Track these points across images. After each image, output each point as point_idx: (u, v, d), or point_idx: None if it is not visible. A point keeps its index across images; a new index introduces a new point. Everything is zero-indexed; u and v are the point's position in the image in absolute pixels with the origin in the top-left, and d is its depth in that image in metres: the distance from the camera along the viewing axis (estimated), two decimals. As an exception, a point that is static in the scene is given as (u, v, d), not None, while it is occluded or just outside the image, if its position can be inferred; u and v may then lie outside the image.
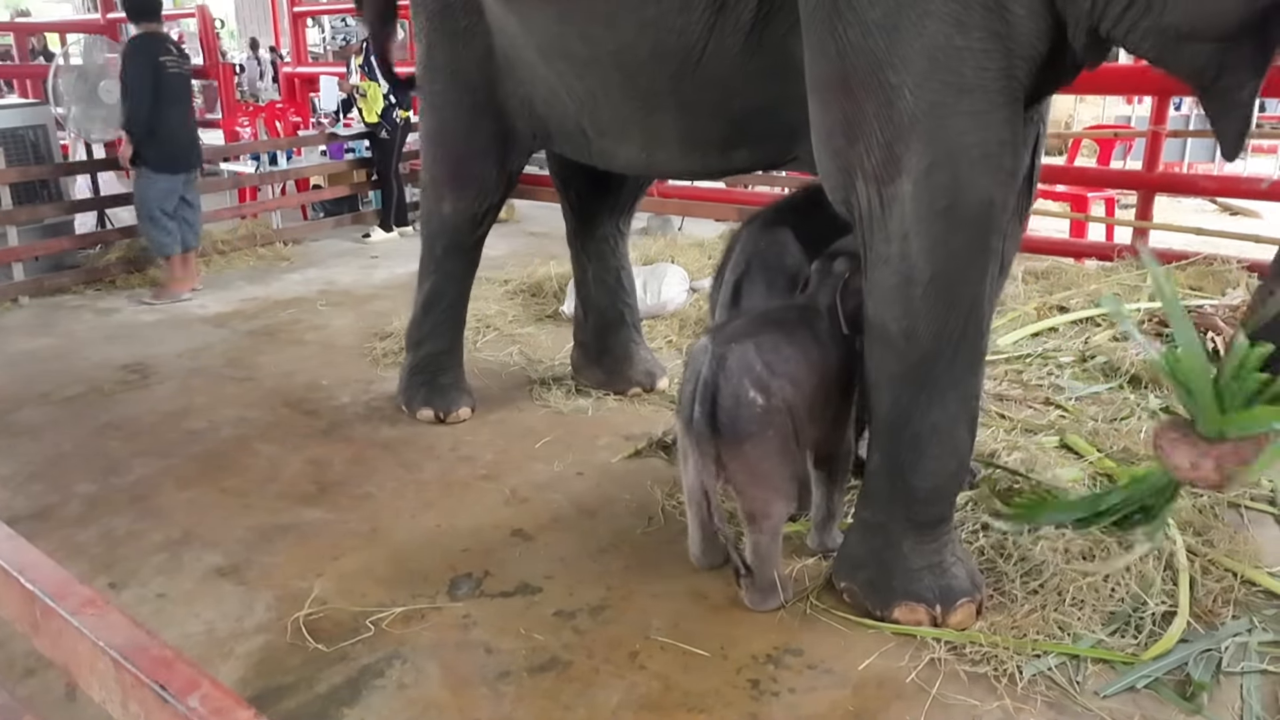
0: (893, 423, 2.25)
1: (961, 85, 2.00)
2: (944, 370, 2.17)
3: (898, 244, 2.12)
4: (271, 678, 2.17)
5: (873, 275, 2.19)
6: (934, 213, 2.07)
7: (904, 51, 2.00)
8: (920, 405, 2.20)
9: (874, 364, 2.27)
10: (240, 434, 3.54)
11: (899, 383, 2.21)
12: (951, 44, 1.98)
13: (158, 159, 5.30)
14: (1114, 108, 9.85)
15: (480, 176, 3.39)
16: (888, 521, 2.30)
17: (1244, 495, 2.80)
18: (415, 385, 3.65)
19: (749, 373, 2.20)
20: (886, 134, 2.06)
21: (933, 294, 2.11)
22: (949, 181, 2.05)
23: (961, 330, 2.15)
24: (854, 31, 2.05)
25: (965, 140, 2.04)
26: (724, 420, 2.19)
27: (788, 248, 2.61)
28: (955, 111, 2.02)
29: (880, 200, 2.12)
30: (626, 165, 3.07)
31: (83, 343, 4.73)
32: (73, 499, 3.06)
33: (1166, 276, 2.12)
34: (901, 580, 2.28)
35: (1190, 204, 7.42)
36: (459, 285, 3.64)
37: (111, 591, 2.52)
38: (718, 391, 2.18)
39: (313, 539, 2.78)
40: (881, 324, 2.20)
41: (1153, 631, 2.20)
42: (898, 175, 2.07)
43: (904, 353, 2.18)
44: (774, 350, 2.24)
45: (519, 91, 3.19)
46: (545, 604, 2.43)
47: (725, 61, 2.45)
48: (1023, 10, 1.98)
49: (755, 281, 2.61)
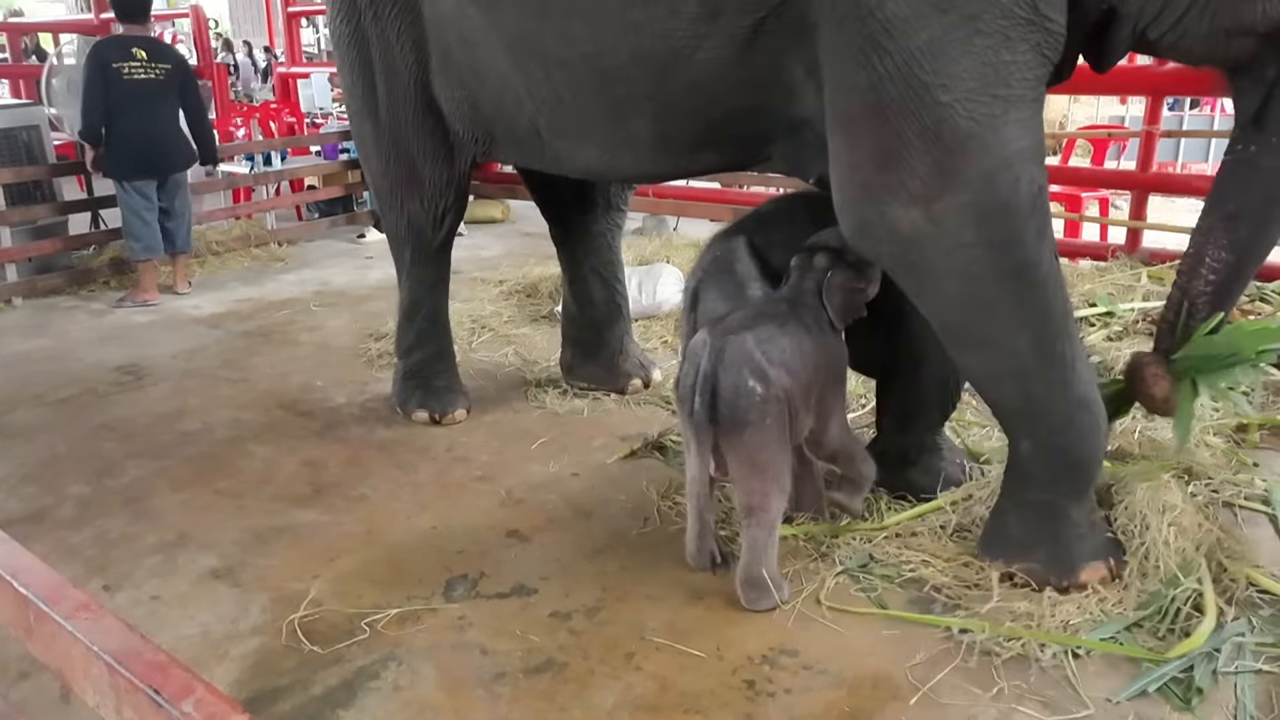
0: (1031, 411, 2.33)
1: (1009, 97, 2.08)
2: (1064, 346, 2.25)
3: (965, 252, 2.17)
4: (266, 680, 2.16)
5: (940, 289, 2.26)
6: (1001, 210, 2.14)
7: (953, 71, 2.05)
8: (1056, 386, 2.28)
9: (979, 367, 2.37)
10: (235, 435, 3.53)
11: (1021, 375, 2.29)
12: (1000, 59, 2.05)
13: (113, 165, 5.27)
14: (1108, 108, 9.86)
15: (432, 179, 3.35)
16: (1054, 498, 2.38)
17: (1238, 494, 2.81)
18: (409, 388, 3.64)
19: (748, 362, 2.24)
20: (933, 153, 2.11)
21: (1024, 282, 2.20)
22: (1010, 186, 2.12)
23: (1059, 306, 2.24)
24: (892, 60, 2.09)
25: (1019, 145, 2.11)
26: (724, 410, 2.23)
27: (738, 254, 2.63)
28: (1006, 122, 2.09)
29: (928, 217, 2.16)
30: (586, 168, 3.03)
31: (76, 344, 4.72)
32: (66, 501, 3.05)
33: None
34: (1078, 546, 2.38)
35: (1184, 204, 7.42)
36: (433, 291, 3.62)
37: (106, 594, 2.52)
38: (717, 382, 2.23)
39: (308, 541, 2.77)
40: (975, 329, 2.29)
41: (1170, 629, 2.21)
42: (950, 189, 2.12)
43: (1013, 347, 2.26)
44: (770, 340, 2.29)
45: (455, 94, 3.14)
46: (541, 605, 2.42)
47: (710, 70, 2.43)
48: (1060, 19, 2.08)
49: (709, 288, 2.65)
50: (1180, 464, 2.81)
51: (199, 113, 5.61)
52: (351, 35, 3.25)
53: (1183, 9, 2.08)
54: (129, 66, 5.21)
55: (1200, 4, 2.06)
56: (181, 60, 5.56)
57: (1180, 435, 2.51)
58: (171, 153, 5.43)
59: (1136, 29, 2.16)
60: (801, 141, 2.54)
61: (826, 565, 2.53)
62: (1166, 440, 2.96)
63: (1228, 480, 2.86)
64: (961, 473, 2.84)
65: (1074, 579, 2.35)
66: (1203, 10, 2.06)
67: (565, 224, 3.75)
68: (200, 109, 5.65)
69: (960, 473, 2.84)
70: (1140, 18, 2.14)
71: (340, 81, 3.49)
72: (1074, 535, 2.39)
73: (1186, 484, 2.69)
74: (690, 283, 2.73)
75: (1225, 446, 3.08)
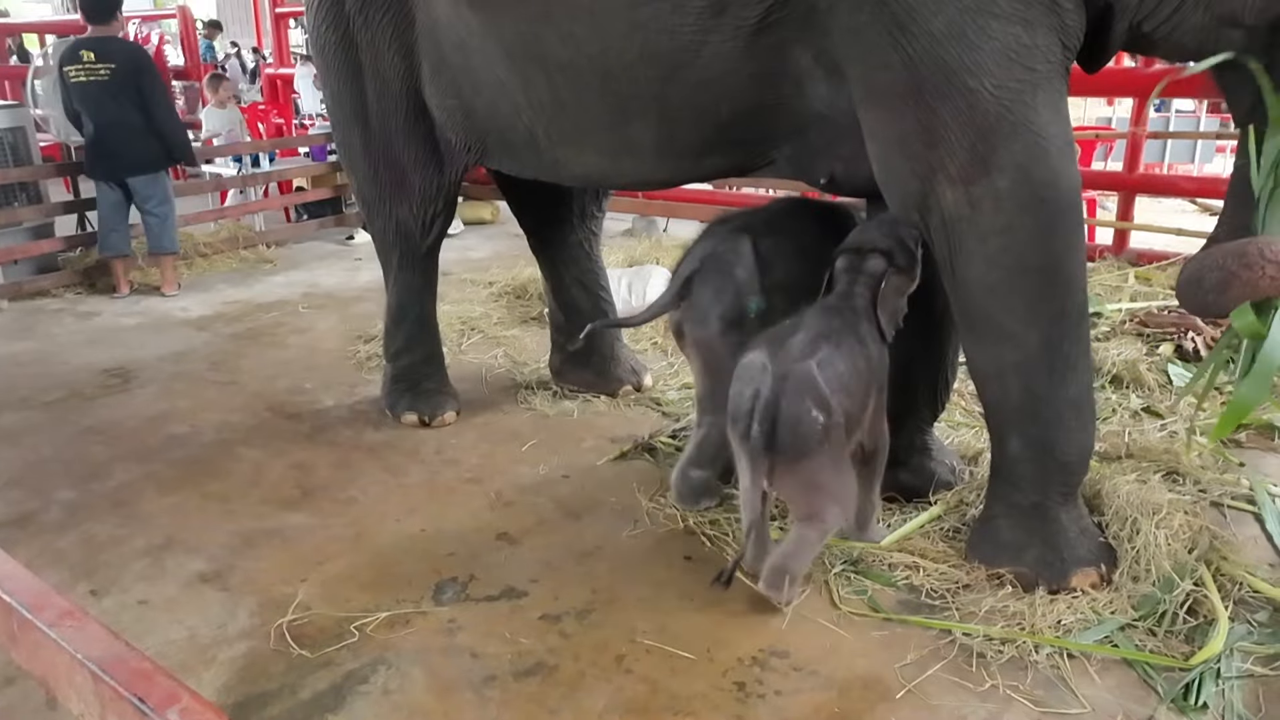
0: (1027, 408, 2.34)
1: (1035, 80, 2.11)
2: (1070, 347, 2.27)
3: (997, 239, 2.19)
4: (255, 684, 2.15)
5: (968, 274, 2.27)
6: (1038, 202, 2.16)
7: (977, 55, 2.08)
8: (1054, 385, 2.29)
9: (988, 358, 2.37)
10: (223, 438, 3.52)
11: (1025, 370, 2.31)
12: (1021, 43, 2.08)
13: (85, 165, 5.47)
14: (1094, 109, 9.92)
15: (423, 186, 3.33)
16: (1043, 500, 2.39)
17: (1225, 495, 2.83)
18: (399, 391, 3.63)
19: (811, 392, 2.21)
20: (969, 136, 2.13)
21: (1047, 279, 2.22)
22: (1047, 173, 2.15)
23: (1078, 306, 2.27)
24: (919, 43, 2.11)
25: (1050, 131, 2.14)
26: (784, 439, 2.21)
27: (743, 259, 2.61)
28: (1034, 105, 2.11)
29: (968, 200, 2.18)
30: (584, 175, 3.01)
31: (63, 346, 4.68)
32: (53, 505, 3.03)
33: None
34: (1069, 549, 2.38)
35: (1170, 204, 7.47)
36: (421, 297, 3.61)
37: (92, 599, 2.50)
38: (779, 412, 2.20)
39: (296, 544, 2.76)
40: (992, 318, 2.29)
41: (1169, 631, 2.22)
42: (986, 174, 2.15)
43: (1024, 341, 2.27)
44: (830, 364, 2.25)
45: (448, 103, 3.12)
46: (530, 608, 2.42)
47: (717, 65, 2.43)
48: (1071, 4, 2.10)
49: (705, 283, 2.63)
50: (1168, 464, 2.83)
51: (160, 110, 5.40)
52: (339, 42, 3.22)
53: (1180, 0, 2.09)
54: (75, 70, 5.22)
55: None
56: (132, 57, 5.35)
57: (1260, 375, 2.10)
58: (124, 153, 5.34)
59: (1133, 23, 2.17)
60: (808, 143, 2.53)
61: (818, 567, 2.54)
62: (1155, 441, 2.97)
63: (1215, 480, 2.88)
64: (951, 473, 2.85)
65: (1065, 583, 2.36)
66: (1198, 2, 2.08)
67: (540, 235, 3.74)
68: (160, 106, 5.41)
69: (950, 474, 2.84)
70: (1139, 11, 2.15)
71: (324, 88, 3.46)
72: (1064, 539, 2.39)
73: (1175, 484, 2.70)
74: (684, 269, 2.69)
75: (1213, 446, 3.10)
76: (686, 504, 2.81)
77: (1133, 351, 3.83)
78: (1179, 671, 2.10)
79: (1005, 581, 2.40)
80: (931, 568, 2.49)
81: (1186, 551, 2.39)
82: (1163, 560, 2.35)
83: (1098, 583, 2.36)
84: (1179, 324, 4.03)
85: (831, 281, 2.45)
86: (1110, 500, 2.57)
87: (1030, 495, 2.40)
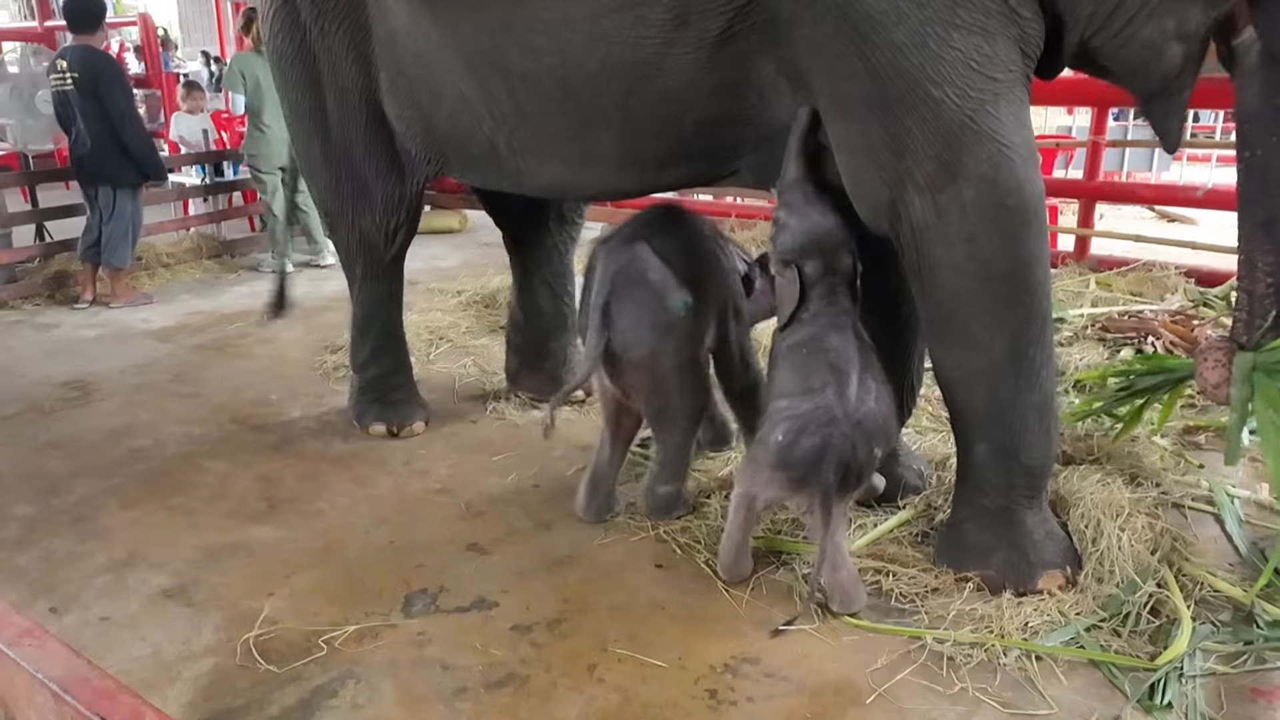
0: (993, 413, 2.37)
1: (997, 90, 2.14)
2: (1035, 353, 2.30)
3: (963, 246, 2.22)
4: (221, 701, 2.12)
5: (935, 281, 2.30)
6: (1004, 210, 2.19)
7: (939, 65, 2.11)
8: (1020, 390, 2.32)
9: (954, 364, 2.40)
10: (187, 451, 3.47)
11: (991, 376, 2.34)
12: (982, 52, 2.11)
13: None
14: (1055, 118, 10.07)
15: (385, 196, 3.30)
16: (1009, 503, 2.42)
17: (1185, 496, 2.88)
18: (366, 401, 3.60)
19: (877, 436, 2.33)
20: (934, 145, 2.17)
21: (1012, 286, 2.25)
22: (1011, 181, 2.18)
23: (1042, 312, 2.30)
24: (882, 54, 2.14)
25: (1014, 139, 2.18)
26: (853, 479, 2.31)
27: (649, 263, 2.60)
28: (998, 114, 2.15)
29: (935, 208, 2.21)
30: (546, 186, 3.00)
31: (21, 359, 4.59)
32: (10, 521, 2.96)
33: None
34: (1035, 552, 2.41)
35: (1129, 211, 7.62)
36: (386, 307, 3.58)
37: (53, 616, 2.45)
38: (852, 458, 2.27)
39: (263, 557, 2.72)
40: (959, 325, 2.33)
41: (1133, 631, 2.24)
42: (951, 182, 2.18)
43: (989, 346, 2.30)
44: (881, 398, 2.36)
45: (407, 114, 3.10)
46: (501, 619, 2.41)
47: (680, 77, 2.43)
48: (1030, 14, 2.15)
49: (624, 300, 2.59)
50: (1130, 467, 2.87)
51: (125, 124, 5.25)
52: (296, 52, 3.19)
53: (1132, 11, 2.14)
54: (54, 78, 5.28)
55: (1149, 8, 2.13)
56: (94, 65, 5.21)
57: (1231, 435, 2.45)
58: (87, 162, 5.29)
59: (1083, 37, 2.22)
60: (772, 154, 2.54)
61: (788, 573, 2.55)
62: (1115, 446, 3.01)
63: (1176, 481, 2.93)
64: (919, 478, 2.87)
65: (1032, 585, 2.38)
66: (1150, 13, 2.13)
67: (517, 236, 3.74)
68: (119, 115, 5.22)
69: (918, 478, 2.87)
70: (1089, 25, 2.20)
71: (282, 99, 3.41)
72: (1030, 542, 2.42)
73: (1137, 486, 2.74)
74: (597, 299, 2.61)
75: (1172, 448, 3.16)
76: (658, 518, 2.81)
77: (1095, 356, 3.89)
78: (1144, 671, 2.13)
79: (973, 585, 2.42)
80: (901, 571, 2.51)
81: (1149, 553, 2.43)
82: (1126, 562, 2.39)
83: (1064, 585, 2.39)
84: (1139, 328, 4.11)
85: (804, 288, 2.43)
86: (1074, 502, 2.61)
87: (996, 499, 2.43)
